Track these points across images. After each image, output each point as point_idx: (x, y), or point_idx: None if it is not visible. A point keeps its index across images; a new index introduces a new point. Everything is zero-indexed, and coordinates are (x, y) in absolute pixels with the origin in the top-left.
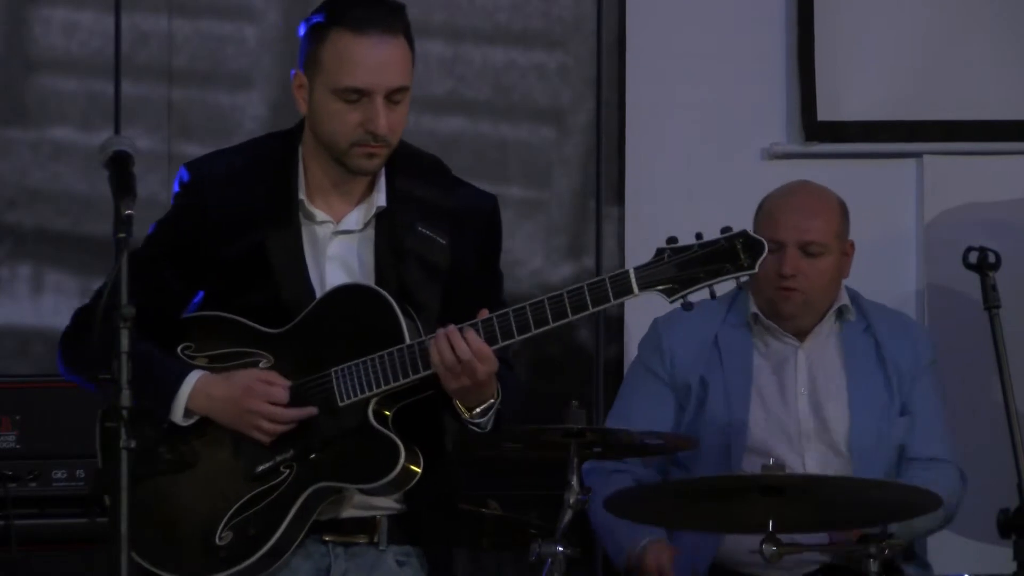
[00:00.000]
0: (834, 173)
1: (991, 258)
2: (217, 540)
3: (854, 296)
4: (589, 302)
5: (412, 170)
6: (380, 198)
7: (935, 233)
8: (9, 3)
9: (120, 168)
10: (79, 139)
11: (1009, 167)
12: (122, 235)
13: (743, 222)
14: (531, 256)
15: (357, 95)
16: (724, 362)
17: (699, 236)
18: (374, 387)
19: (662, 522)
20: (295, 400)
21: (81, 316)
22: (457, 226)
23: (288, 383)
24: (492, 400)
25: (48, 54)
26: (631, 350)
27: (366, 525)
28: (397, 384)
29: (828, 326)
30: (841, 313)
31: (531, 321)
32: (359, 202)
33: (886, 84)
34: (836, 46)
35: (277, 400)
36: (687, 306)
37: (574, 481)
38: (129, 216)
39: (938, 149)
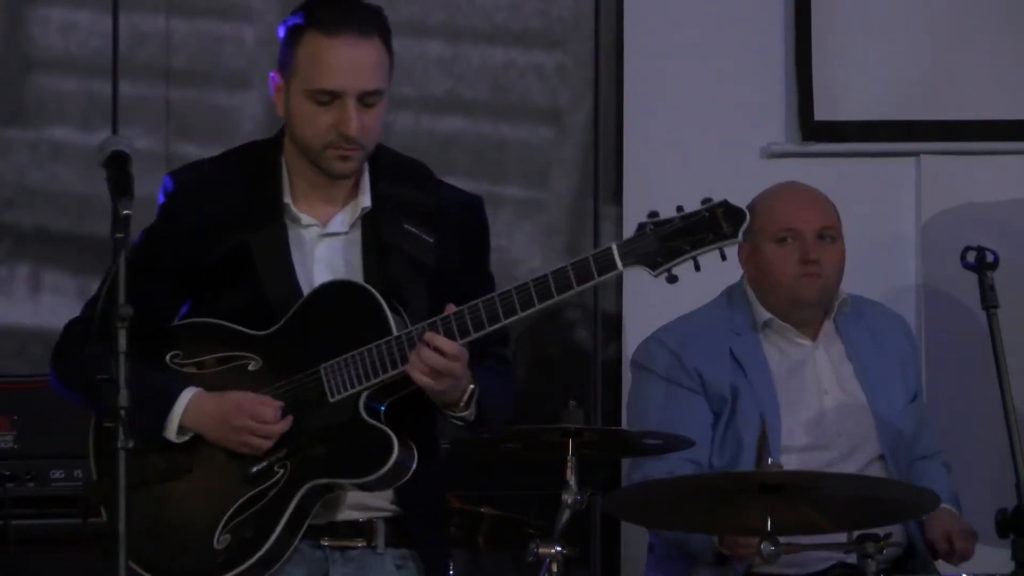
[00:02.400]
0: (832, 173)
1: (989, 258)
2: (215, 544)
3: None
4: (573, 280)
5: (395, 173)
6: (365, 199)
7: (933, 233)
8: (7, 3)
9: (118, 168)
10: (77, 139)
11: (1007, 167)
12: (120, 235)
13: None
14: (529, 256)
15: (329, 97)
16: (746, 371)
17: (680, 208)
18: (364, 381)
19: (663, 523)
20: (286, 398)
21: (74, 329)
22: (442, 225)
23: (280, 403)
24: (472, 386)
25: (46, 54)
26: (629, 350)
27: (363, 529)
28: (387, 376)
29: (831, 321)
30: (838, 307)
31: (517, 304)
32: (344, 204)
33: (883, 84)
34: (834, 46)
35: (266, 419)
36: (671, 279)
37: (572, 481)
38: (127, 216)
39: (936, 149)
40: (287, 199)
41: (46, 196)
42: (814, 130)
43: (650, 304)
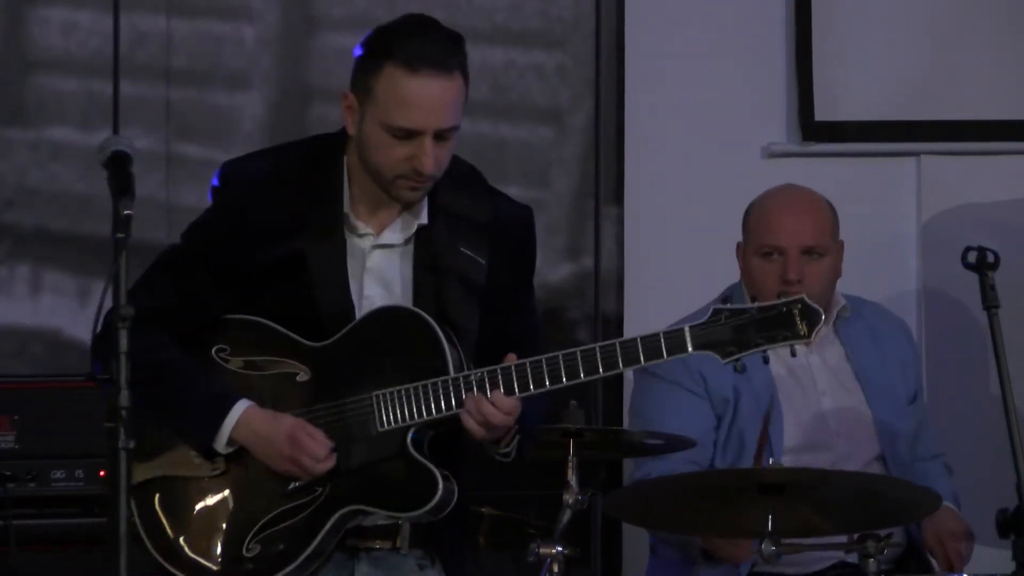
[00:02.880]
0: (832, 173)
1: (990, 258)
2: (244, 551)
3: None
4: (641, 355)
5: (452, 183)
6: (422, 215)
7: (933, 233)
8: (8, 3)
9: (119, 168)
10: (78, 139)
11: (1007, 167)
12: (121, 235)
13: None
14: None
15: (406, 133)
16: (748, 373)
17: (754, 299)
18: (416, 416)
19: (662, 523)
20: (334, 419)
21: (112, 318)
22: (495, 242)
23: (331, 443)
24: (515, 426)
25: (47, 54)
26: None
27: (388, 530)
28: (439, 416)
29: (828, 326)
30: (837, 313)
31: (580, 369)
32: (401, 214)
33: (884, 84)
34: (834, 46)
35: (317, 456)
36: (740, 369)
37: (573, 481)
38: (128, 216)
39: (936, 149)
40: (346, 208)
41: (46, 196)
42: (814, 130)
43: (651, 305)
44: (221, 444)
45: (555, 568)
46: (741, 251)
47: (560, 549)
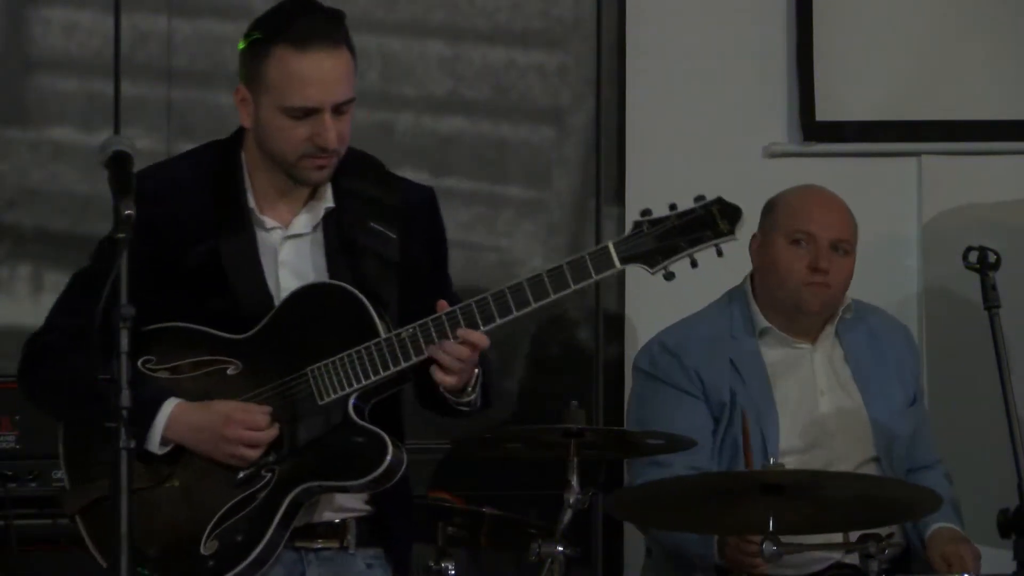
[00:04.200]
0: (833, 173)
1: (991, 258)
2: (203, 549)
3: None
4: (570, 280)
5: (353, 169)
6: (328, 199)
7: (934, 233)
8: (9, 3)
9: (120, 168)
10: (79, 139)
11: (1008, 167)
12: (121, 235)
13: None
14: (530, 256)
15: (304, 112)
16: (743, 375)
17: (673, 207)
18: (354, 383)
19: (664, 522)
20: (273, 402)
21: (34, 346)
22: (403, 221)
23: (268, 408)
24: (476, 371)
25: (48, 54)
26: (631, 350)
27: (336, 530)
28: (378, 378)
29: (832, 327)
30: (841, 312)
31: (511, 304)
32: (305, 205)
33: (885, 84)
34: (835, 46)
35: (257, 426)
36: (668, 276)
37: (574, 481)
38: (129, 216)
39: (937, 149)
40: (251, 204)
41: (47, 196)
42: (815, 130)
43: (652, 304)
44: (155, 444)
45: (556, 568)
46: (758, 242)
47: (561, 549)
